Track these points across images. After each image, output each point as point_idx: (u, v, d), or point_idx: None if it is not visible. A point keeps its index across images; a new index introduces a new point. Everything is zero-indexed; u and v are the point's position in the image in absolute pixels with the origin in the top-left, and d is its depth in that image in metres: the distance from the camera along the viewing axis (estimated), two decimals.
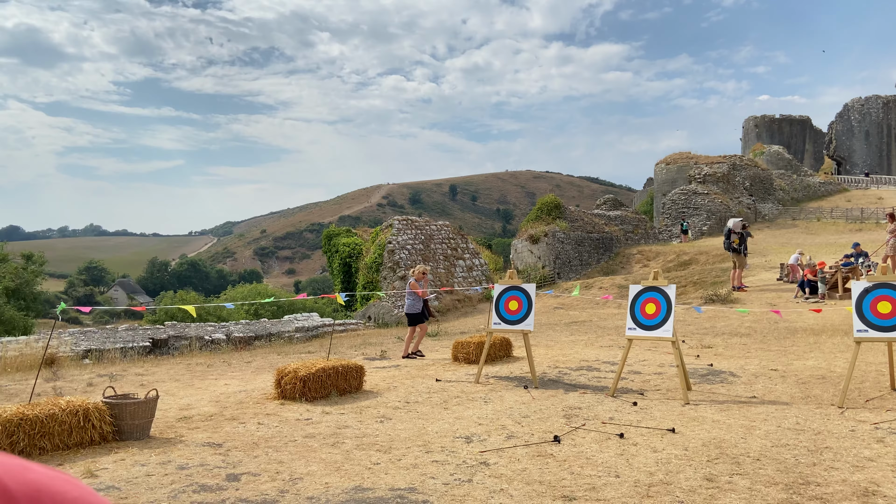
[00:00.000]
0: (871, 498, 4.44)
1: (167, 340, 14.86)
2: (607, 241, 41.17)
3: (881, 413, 6.74)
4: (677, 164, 51.09)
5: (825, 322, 13.57)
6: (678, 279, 25.39)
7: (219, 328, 16.33)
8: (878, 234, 31.14)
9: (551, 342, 13.32)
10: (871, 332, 7.19)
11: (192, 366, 11.06)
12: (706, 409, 7.18)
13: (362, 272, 24.07)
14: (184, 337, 14.99)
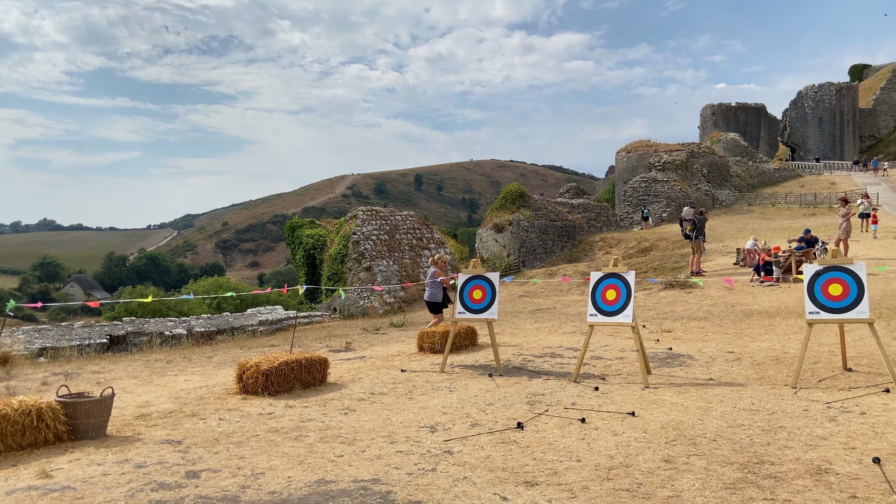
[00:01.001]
0: (823, 476, 4.58)
1: (125, 337, 14.55)
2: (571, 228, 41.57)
3: (833, 392, 6.96)
4: (638, 153, 51.80)
5: (780, 305, 13.94)
6: (639, 265, 25.80)
7: (179, 323, 16.05)
8: (831, 219, 32.08)
9: (516, 330, 13.42)
10: (823, 313, 7.40)
11: (152, 362, 10.86)
12: (665, 391, 7.33)
13: (327, 264, 23.88)
14: (143, 333, 14.69)
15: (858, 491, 4.27)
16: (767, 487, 4.39)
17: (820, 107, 74.76)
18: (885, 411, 6.10)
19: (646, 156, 50.39)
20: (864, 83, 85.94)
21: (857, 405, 6.38)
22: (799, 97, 76.53)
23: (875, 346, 7.29)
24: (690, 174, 48.32)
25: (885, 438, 5.32)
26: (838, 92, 74.73)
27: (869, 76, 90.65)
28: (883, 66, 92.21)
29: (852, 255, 17.92)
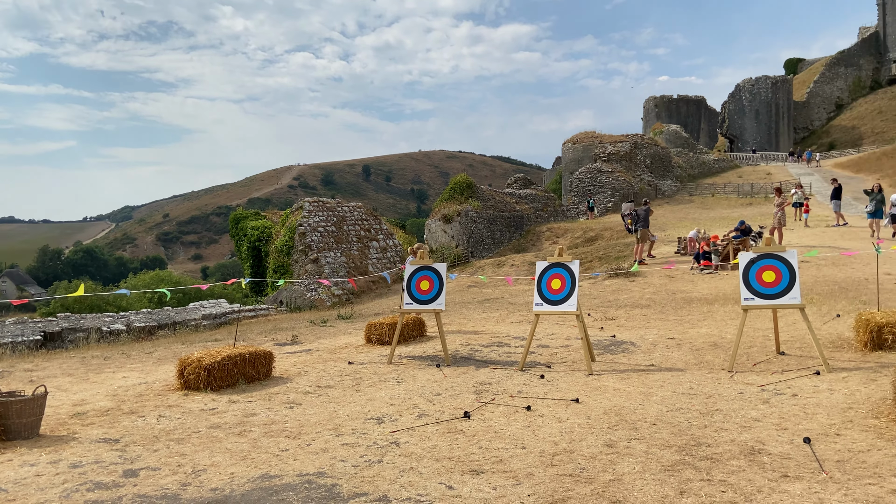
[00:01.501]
0: (756, 456, 4.76)
1: (61, 333, 14.01)
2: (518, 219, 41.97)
3: (767, 376, 7.23)
4: (583, 144, 52.58)
5: (718, 292, 14.40)
6: (585, 255, 26.26)
7: (118, 318, 15.54)
8: (767, 208, 33.27)
9: (464, 320, 13.48)
10: (757, 299, 7.68)
11: (88, 359, 10.49)
12: (608, 378, 7.48)
13: (272, 256, 23.48)
14: (79, 329, 14.17)
15: (790, 470, 4.45)
16: (704, 468, 4.53)
17: (757, 99, 77.35)
18: (816, 393, 6.37)
19: (591, 147, 51.22)
20: (799, 77, 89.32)
21: (789, 387, 6.64)
22: (737, 90, 79.00)
23: (806, 330, 7.61)
24: (634, 165, 49.36)
25: (816, 419, 5.56)
26: (774, 85, 77.46)
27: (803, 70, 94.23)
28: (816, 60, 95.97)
29: (786, 243, 18.65)
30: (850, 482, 4.17)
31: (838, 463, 4.52)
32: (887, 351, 7.84)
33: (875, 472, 4.32)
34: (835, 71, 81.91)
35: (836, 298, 11.92)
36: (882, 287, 11.82)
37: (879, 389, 6.25)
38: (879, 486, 4.07)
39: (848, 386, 6.51)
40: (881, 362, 7.37)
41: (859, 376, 6.84)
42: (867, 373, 6.96)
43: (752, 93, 77.56)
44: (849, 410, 5.72)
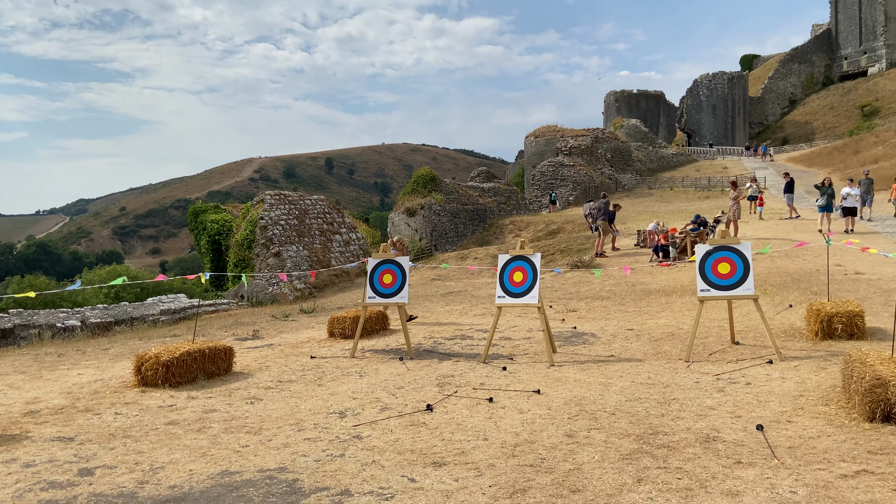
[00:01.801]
0: (712, 443, 4.88)
1: (13, 330, 13.59)
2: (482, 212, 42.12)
3: (722, 365, 7.41)
4: (545, 137, 52.97)
5: (676, 283, 14.69)
6: (547, 247, 26.51)
7: (73, 314, 15.14)
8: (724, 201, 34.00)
9: (427, 313, 13.49)
10: (713, 291, 7.86)
11: (41, 356, 10.20)
12: (569, 369, 7.58)
13: (233, 250, 23.13)
14: (32, 325, 13.77)
15: (743, 456, 4.57)
16: (661, 456, 4.63)
17: (714, 95, 78.90)
18: (769, 381, 6.56)
19: (553, 140, 51.64)
20: (754, 73, 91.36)
21: (743, 376, 6.82)
22: (695, 85, 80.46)
23: (760, 320, 7.82)
24: (595, 159, 49.94)
25: (768, 407, 5.73)
26: (730, 81, 79.10)
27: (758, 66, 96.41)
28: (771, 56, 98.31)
29: (741, 236, 19.10)
30: (800, 468, 4.31)
31: (790, 449, 4.67)
32: (837, 340, 8.11)
33: (825, 457, 4.47)
34: (788, 67, 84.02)
35: (788, 289, 12.27)
36: (832, 278, 12.21)
37: (829, 377, 6.47)
38: (829, 472, 4.22)
39: (799, 374, 6.72)
40: (831, 351, 7.62)
41: (810, 365, 7.07)
42: (818, 361, 7.19)
43: (710, 88, 79.10)
44: (800, 398, 5.90)
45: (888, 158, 39.76)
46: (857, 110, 71.55)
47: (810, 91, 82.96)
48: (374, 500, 4.07)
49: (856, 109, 71.93)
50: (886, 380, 5.03)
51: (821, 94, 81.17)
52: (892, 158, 39.13)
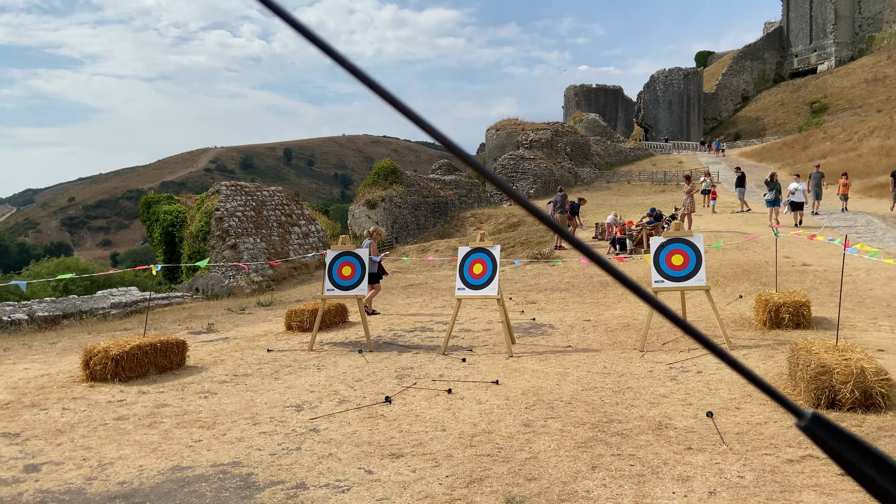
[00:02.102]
0: (664, 430, 4.98)
1: None
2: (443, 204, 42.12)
3: (675, 354, 7.57)
4: (506, 131, 53.20)
5: (631, 275, 14.94)
6: (508, 240, 26.67)
7: (19, 307, 14.63)
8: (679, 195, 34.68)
9: (387, 305, 13.44)
10: (667, 282, 8.01)
11: None
12: (527, 360, 7.65)
13: (187, 242, 22.63)
14: None
15: (693, 442, 4.68)
16: (615, 444, 4.71)
17: (670, 90, 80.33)
18: (718, 369, 6.72)
19: (514, 133, 51.90)
20: (709, 69, 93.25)
21: (694, 365, 6.98)
22: (652, 81, 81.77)
23: (711, 310, 8.00)
24: (555, 152, 50.38)
25: (718, 394, 5.87)
26: (686, 77, 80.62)
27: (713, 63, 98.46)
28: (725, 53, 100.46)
29: (694, 229, 19.52)
30: (748, 453, 4.43)
31: (738, 435, 4.79)
32: (784, 329, 8.36)
33: (771, 442, 4.61)
34: (741, 64, 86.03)
35: (738, 280, 12.59)
36: (780, 270, 12.57)
37: (776, 365, 6.66)
38: (775, 457, 4.35)
39: (748, 363, 6.91)
40: (778, 340, 7.85)
41: (758, 353, 7.27)
42: (766, 350, 7.40)
43: (666, 84, 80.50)
44: (748, 386, 6.06)
45: (835, 154, 41.08)
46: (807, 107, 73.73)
47: (762, 88, 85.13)
48: (329, 493, 4.04)
49: (805, 106, 74.10)
50: (831, 367, 5.20)
51: (772, 90, 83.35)
52: (839, 154, 40.45)
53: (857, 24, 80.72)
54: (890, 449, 4.34)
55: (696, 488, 3.92)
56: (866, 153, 37.54)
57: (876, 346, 7.08)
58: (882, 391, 5.06)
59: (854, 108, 68.18)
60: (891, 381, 5.19)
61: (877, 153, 36.51)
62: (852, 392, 5.08)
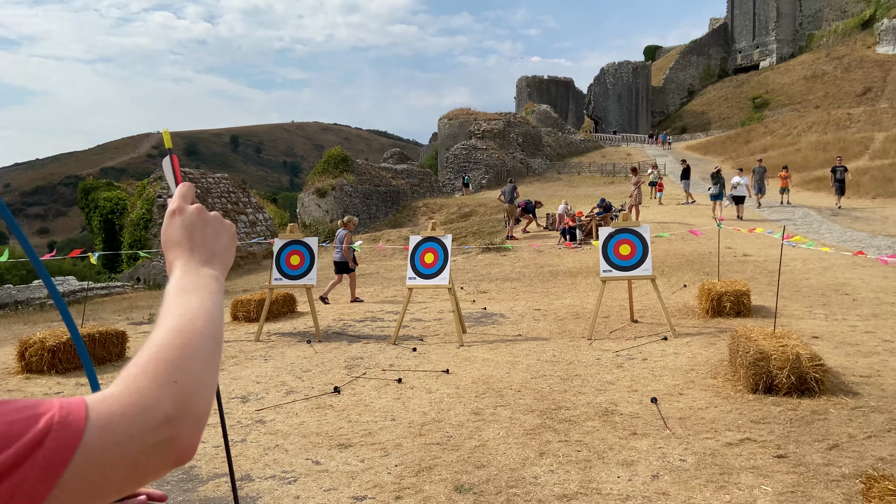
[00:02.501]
0: (610, 416, 5.07)
1: None
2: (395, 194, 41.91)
3: (622, 342, 7.72)
4: (459, 120, 53.21)
5: (581, 265, 15.17)
6: (460, 230, 26.72)
7: None
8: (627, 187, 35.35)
9: (337, 295, 13.32)
10: (615, 271, 8.15)
11: None
12: (478, 349, 7.69)
13: (128, 230, 21.92)
14: None
15: (638, 428, 4.78)
16: (562, 430, 4.77)
17: (619, 83, 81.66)
18: (663, 357, 6.88)
19: (467, 123, 51.95)
20: (657, 63, 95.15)
21: (640, 352, 7.13)
22: (602, 73, 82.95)
23: (657, 299, 8.19)
24: (507, 143, 50.66)
25: (662, 380, 6.01)
26: (634, 70, 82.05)
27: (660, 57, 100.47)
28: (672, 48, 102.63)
29: (642, 220, 19.93)
30: (689, 437, 4.55)
31: (680, 420, 4.92)
32: (726, 317, 8.61)
33: (712, 426, 4.74)
34: (688, 59, 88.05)
35: (683, 270, 12.92)
36: (723, 260, 12.95)
37: (718, 352, 6.86)
38: (715, 440, 4.48)
39: (691, 350, 7.09)
40: (720, 327, 8.08)
41: (701, 341, 7.47)
42: (708, 337, 7.62)
43: (616, 77, 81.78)
44: (691, 372, 6.23)
45: (776, 148, 42.49)
46: (749, 102, 76.00)
47: (707, 82, 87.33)
48: (276, 485, 3.98)
49: (748, 101, 76.38)
50: (769, 354, 5.38)
51: (717, 85, 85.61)
52: (779, 148, 41.85)
53: (798, 21, 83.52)
54: (822, 431, 4.52)
55: (640, 472, 4.00)
56: (804, 148, 38.97)
57: (811, 333, 7.37)
58: (816, 376, 5.27)
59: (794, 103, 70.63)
60: (824, 367, 5.41)
61: (814, 148, 37.94)
62: (788, 377, 5.26)
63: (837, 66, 72.14)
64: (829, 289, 10.18)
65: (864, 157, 33.08)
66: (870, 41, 72.92)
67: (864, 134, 38.24)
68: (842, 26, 77.20)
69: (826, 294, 9.81)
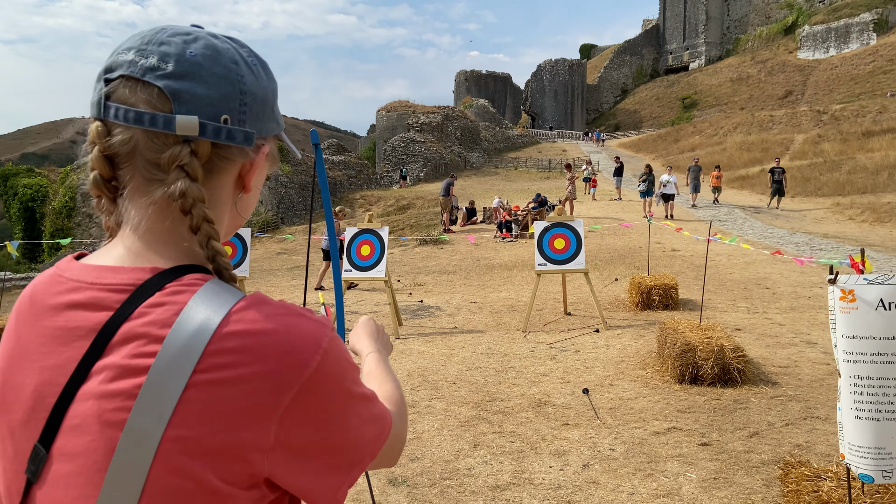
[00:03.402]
0: (543, 407, 5.15)
1: None
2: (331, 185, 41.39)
3: (555, 334, 7.86)
4: (397, 112, 52.98)
5: (517, 258, 15.36)
6: (397, 222, 26.63)
7: None
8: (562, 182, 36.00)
9: (272, 287, 13.06)
10: (549, 265, 8.28)
11: None
12: (414, 341, 7.68)
13: (50, 218, 20.87)
14: None
15: (570, 418, 4.87)
16: (496, 422, 4.82)
17: (555, 80, 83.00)
18: (595, 349, 7.04)
19: (405, 116, 51.76)
20: (592, 62, 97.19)
21: (573, 344, 7.28)
22: (539, 70, 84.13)
23: (590, 292, 8.37)
24: (445, 136, 50.77)
25: (594, 372, 6.15)
26: (570, 68, 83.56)
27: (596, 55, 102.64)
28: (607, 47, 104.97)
29: (576, 215, 20.34)
30: (619, 426, 4.67)
31: (610, 410, 5.04)
32: (654, 310, 8.88)
33: (640, 416, 4.88)
34: (621, 58, 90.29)
35: (615, 264, 13.25)
36: (652, 254, 13.35)
37: (647, 344, 7.07)
38: (643, 429, 4.61)
39: (621, 342, 7.28)
40: (649, 320, 8.33)
41: (631, 333, 7.68)
42: (638, 329, 7.84)
43: (552, 74, 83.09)
44: (621, 363, 6.40)
45: (703, 147, 44.10)
46: (679, 102, 78.61)
47: (640, 82, 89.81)
48: None
49: (678, 101, 78.97)
50: (694, 345, 5.58)
51: (648, 85, 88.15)
52: (706, 147, 43.45)
53: (726, 25, 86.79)
54: (743, 419, 4.72)
55: (571, 462, 4.08)
56: (730, 147, 40.58)
57: (734, 325, 7.68)
58: (738, 367, 5.49)
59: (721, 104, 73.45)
60: (746, 358, 5.65)
61: (739, 148, 39.55)
62: (712, 368, 5.47)
63: (761, 70, 75.43)
64: (751, 283, 10.64)
65: (784, 157, 34.71)
66: (792, 46, 76.58)
67: (785, 135, 40.13)
68: (766, 31, 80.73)
69: (748, 288, 10.25)
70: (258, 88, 0.84)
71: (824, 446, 4.23)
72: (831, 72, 67.68)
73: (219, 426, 0.71)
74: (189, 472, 0.70)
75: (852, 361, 2.77)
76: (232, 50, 0.84)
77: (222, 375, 0.71)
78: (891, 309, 2.73)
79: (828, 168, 28.37)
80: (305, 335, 0.76)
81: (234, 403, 0.71)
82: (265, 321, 0.74)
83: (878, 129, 33.97)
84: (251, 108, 0.83)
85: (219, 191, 0.84)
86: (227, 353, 0.72)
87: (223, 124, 0.80)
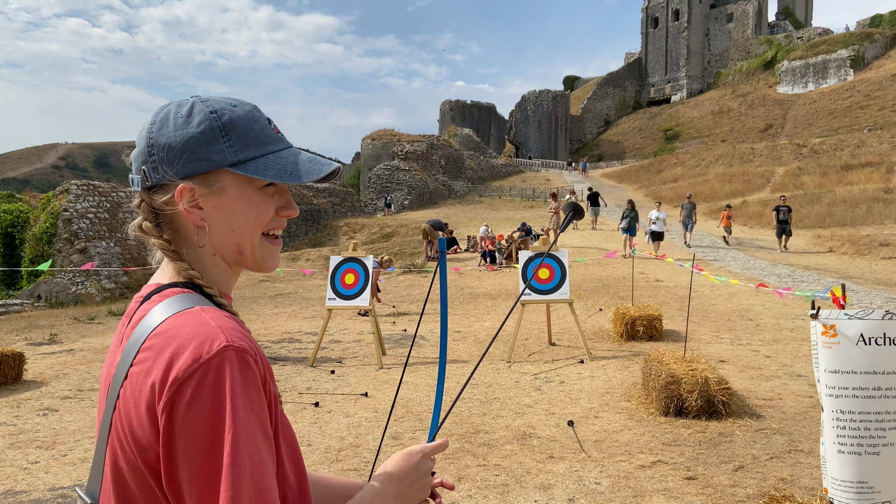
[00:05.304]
0: (527, 440, 5.12)
1: None
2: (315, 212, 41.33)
3: (540, 365, 7.84)
4: (382, 140, 53.26)
5: (501, 287, 15.37)
6: (381, 250, 26.59)
7: None
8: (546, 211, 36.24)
9: (254, 315, 12.94)
10: (534, 294, 8.29)
11: None
12: (398, 371, 7.62)
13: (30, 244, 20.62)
14: None
15: (555, 451, 4.84)
16: (481, 454, 4.78)
17: (540, 111, 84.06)
18: (580, 380, 7.03)
19: (390, 144, 52.05)
20: (575, 93, 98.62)
21: (557, 375, 7.26)
22: (523, 100, 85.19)
23: (574, 323, 8.37)
24: (430, 165, 51.04)
25: (579, 403, 6.13)
26: (554, 99, 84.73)
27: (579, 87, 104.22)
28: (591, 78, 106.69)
29: (560, 244, 20.43)
30: (605, 460, 4.65)
31: (596, 443, 5.02)
32: (639, 341, 8.91)
33: (626, 449, 4.86)
34: (604, 90, 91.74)
35: (599, 294, 13.30)
36: (636, 285, 13.43)
37: (631, 375, 7.07)
38: (629, 463, 4.59)
39: (606, 373, 7.28)
40: (634, 351, 8.35)
41: (616, 364, 7.69)
42: (622, 360, 7.84)
43: (536, 104, 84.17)
44: (606, 395, 6.39)
45: (685, 178, 44.71)
46: (661, 133, 79.83)
47: (622, 113, 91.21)
48: None
49: (660, 132, 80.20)
50: (679, 377, 5.59)
51: (631, 116, 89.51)
52: (688, 179, 44.06)
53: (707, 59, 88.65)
54: (728, 453, 4.72)
55: (556, 496, 4.04)
56: (712, 179, 41.15)
57: (718, 357, 7.72)
58: (723, 399, 5.50)
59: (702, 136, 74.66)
60: (731, 390, 5.66)
61: (721, 179, 40.13)
62: (697, 400, 5.48)
63: (742, 103, 76.94)
64: (734, 314, 10.72)
65: (765, 189, 35.25)
66: (771, 81, 78.30)
67: (766, 168, 40.80)
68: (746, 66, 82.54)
69: (732, 319, 10.32)
70: (171, 138, 0.98)
71: (808, 480, 4.23)
72: (810, 106, 69.22)
73: (134, 413, 0.88)
74: (126, 453, 0.88)
75: (835, 396, 2.80)
76: (170, 108, 1.02)
77: (140, 369, 0.89)
78: (871, 344, 2.76)
79: (808, 200, 28.82)
80: (198, 343, 0.87)
81: (140, 396, 0.88)
82: (180, 325, 0.90)
83: (856, 163, 34.65)
84: (159, 157, 0.98)
85: (182, 226, 1.02)
86: (148, 350, 0.89)
87: (139, 174, 1.00)
